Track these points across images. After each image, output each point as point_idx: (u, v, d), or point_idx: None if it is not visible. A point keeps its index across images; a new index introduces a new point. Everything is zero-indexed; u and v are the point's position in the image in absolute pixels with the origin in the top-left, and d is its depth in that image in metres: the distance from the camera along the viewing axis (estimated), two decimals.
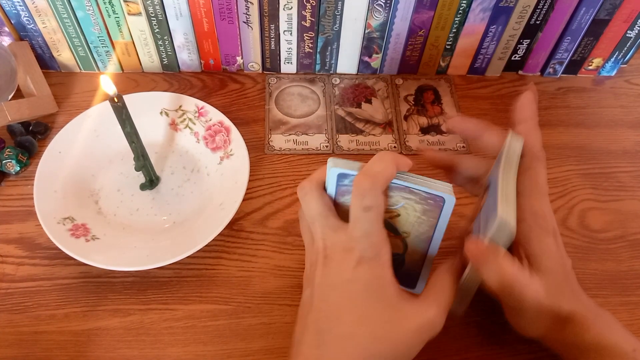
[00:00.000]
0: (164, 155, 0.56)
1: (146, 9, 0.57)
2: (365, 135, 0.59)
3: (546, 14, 0.59)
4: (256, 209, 0.54)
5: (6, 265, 0.49)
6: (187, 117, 0.57)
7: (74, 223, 0.49)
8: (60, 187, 0.52)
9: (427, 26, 0.59)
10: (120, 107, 0.46)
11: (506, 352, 0.46)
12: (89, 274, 0.49)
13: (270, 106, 0.61)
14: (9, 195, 0.54)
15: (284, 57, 0.63)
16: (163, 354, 0.45)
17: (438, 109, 0.62)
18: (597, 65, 0.66)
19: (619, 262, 0.52)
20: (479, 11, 0.58)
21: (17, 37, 0.60)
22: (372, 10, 0.57)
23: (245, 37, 0.60)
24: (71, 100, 0.61)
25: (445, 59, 0.64)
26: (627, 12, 0.59)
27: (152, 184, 0.54)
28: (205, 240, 0.48)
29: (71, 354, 0.45)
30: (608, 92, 0.65)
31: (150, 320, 0.47)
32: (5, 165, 0.54)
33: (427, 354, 0.46)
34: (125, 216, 0.52)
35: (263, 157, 0.57)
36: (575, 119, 0.62)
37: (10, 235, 0.51)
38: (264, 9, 0.57)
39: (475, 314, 0.48)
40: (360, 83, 0.64)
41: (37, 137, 0.57)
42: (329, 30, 0.59)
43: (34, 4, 0.56)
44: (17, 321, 0.46)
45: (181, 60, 0.63)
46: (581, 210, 0.55)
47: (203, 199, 0.53)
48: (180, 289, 0.48)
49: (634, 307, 0.49)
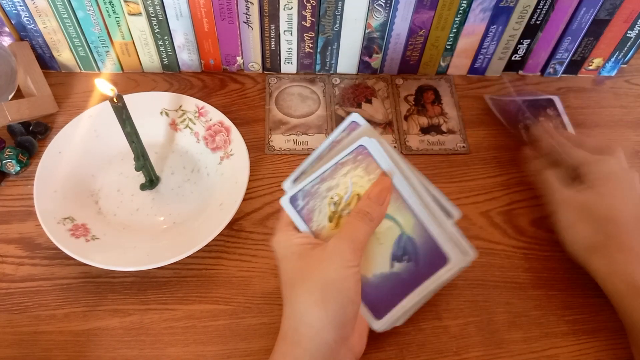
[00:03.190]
0: (164, 156, 0.56)
1: (146, 9, 0.57)
2: None
3: (546, 14, 0.59)
4: (256, 209, 0.53)
5: (6, 265, 0.49)
6: (187, 117, 0.57)
7: (74, 223, 0.49)
8: (60, 187, 0.52)
9: (427, 26, 0.59)
10: (120, 107, 0.46)
11: (506, 352, 0.46)
12: (89, 274, 0.49)
13: (271, 106, 0.61)
14: (9, 195, 0.54)
15: (284, 57, 0.63)
16: (163, 354, 0.45)
17: (438, 109, 0.62)
18: (598, 65, 0.66)
19: None
20: (479, 11, 0.58)
21: (18, 37, 0.60)
22: (372, 10, 0.57)
23: (246, 37, 0.60)
24: (71, 100, 0.61)
25: (445, 59, 0.64)
26: (627, 12, 0.58)
27: (152, 184, 0.54)
28: (205, 240, 0.48)
29: (71, 354, 0.45)
30: (608, 92, 0.65)
31: (150, 320, 0.47)
32: (6, 165, 0.54)
33: (427, 354, 0.46)
34: (125, 216, 0.52)
35: (263, 157, 0.57)
36: (575, 119, 0.62)
37: (10, 235, 0.51)
38: (264, 9, 0.57)
39: (475, 314, 0.48)
40: (361, 83, 0.64)
41: (37, 137, 0.57)
42: (329, 30, 0.59)
43: (35, 4, 0.56)
44: (17, 321, 0.46)
45: (181, 60, 0.63)
46: None
47: (203, 199, 0.53)
48: (180, 289, 0.48)
49: None
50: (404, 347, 0.46)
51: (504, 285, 0.50)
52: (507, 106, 0.60)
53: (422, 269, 0.41)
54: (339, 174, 0.41)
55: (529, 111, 0.58)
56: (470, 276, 0.50)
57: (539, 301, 0.49)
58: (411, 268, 0.41)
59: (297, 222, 0.42)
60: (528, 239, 0.53)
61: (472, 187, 0.56)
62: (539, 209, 0.55)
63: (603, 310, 0.49)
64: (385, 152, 0.40)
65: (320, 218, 0.42)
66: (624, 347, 0.47)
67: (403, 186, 0.40)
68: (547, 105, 0.61)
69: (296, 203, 0.42)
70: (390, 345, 0.46)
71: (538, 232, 0.53)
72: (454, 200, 0.55)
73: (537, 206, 0.55)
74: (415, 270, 0.41)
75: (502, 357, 0.46)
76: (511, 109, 0.60)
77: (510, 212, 0.54)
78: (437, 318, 0.48)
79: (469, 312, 0.48)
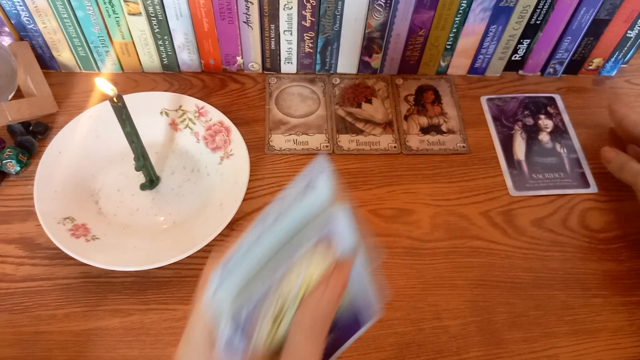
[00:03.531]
0: (164, 155, 0.56)
1: (146, 9, 0.57)
2: (366, 135, 0.59)
3: (546, 14, 0.59)
4: (256, 209, 0.54)
5: (6, 265, 0.49)
6: (187, 117, 0.57)
7: (74, 223, 0.49)
8: (61, 187, 0.52)
9: (427, 26, 0.59)
10: (120, 107, 0.46)
11: (506, 352, 0.46)
12: (89, 274, 0.49)
13: (271, 106, 0.61)
14: (9, 195, 0.54)
15: (284, 57, 0.63)
16: (163, 354, 0.45)
17: (438, 109, 0.62)
18: (598, 65, 0.66)
19: (619, 262, 0.52)
20: (479, 11, 0.58)
21: (17, 37, 0.60)
22: (372, 10, 0.57)
23: (246, 37, 0.60)
24: (71, 100, 0.61)
25: (445, 59, 0.64)
26: (627, 12, 0.58)
27: (152, 184, 0.54)
28: (205, 240, 0.48)
29: (71, 354, 0.45)
30: (608, 92, 0.65)
31: (150, 320, 0.47)
32: (6, 165, 0.54)
33: (427, 354, 0.46)
34: (125, 216, 0.52)
35: (263, 157, 0.57)
36: (576, 118, 0.62)
37: (11, 235, 0.51)
38: (264, 9, 0.57)
39: (475, 314, 0.48)
40: (361, 83, 0.64)
41: (37, 137, 0.57)
42: (329, 30, 0.59)
43: (34, 4, 0.55)
44: (17, 321, 0.46)
45: (181, 60, 0.63)
46: (581, 210, 0.55)
47: (203, 199, 0.53)
48: (181, 289, 0.48)
49: (634, 307, 0.49)
50: (404, 347, 0.46)
51: (504, 285, 0.50)
52: (506, 105, 0.61)
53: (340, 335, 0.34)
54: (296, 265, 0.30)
55: (529, 109, 0.58)
56: (470, 276, 0.50)
57: (539, 301, 0.49)
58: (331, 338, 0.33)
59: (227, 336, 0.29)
60: (528, 239, 0.53)
61: (472, 187, 0.56)
62: (539, 209, 0.55)
63: (603, 310, 0.49)
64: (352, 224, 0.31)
65: (262, 331, 0.30)
66: (624, 347, 0.47)
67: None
68: (548, 103, 0.62)
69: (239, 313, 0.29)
70: (390, 345, 0.46)
71: (538, 232, 0.53)
72: (454, 199, 0.55)
73: (538, 206, 0.55)
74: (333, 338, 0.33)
75: (502, 357, 0.46)
76: (511, 107, 0.60)
77: (510, 212, 0.54)
78: (437, 318, 0.48)
79: (469, 312, 0.48)
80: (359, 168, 0.57)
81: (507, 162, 0.58)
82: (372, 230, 0.52)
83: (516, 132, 0.60)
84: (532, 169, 0.57)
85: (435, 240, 0.52)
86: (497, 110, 0.62)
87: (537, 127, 0.61)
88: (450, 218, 0.54)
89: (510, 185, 0.56)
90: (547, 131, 0.60)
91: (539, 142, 0.60)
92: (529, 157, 0.58)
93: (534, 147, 0.59)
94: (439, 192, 0.55)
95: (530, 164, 0.58)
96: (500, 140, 0.60)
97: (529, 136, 0.60)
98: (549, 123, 0.61)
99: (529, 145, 0.59)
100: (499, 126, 0.61)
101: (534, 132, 0.60)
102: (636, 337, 0.48)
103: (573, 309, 0.49)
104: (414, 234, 0.52)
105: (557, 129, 0.61)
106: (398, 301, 0.48)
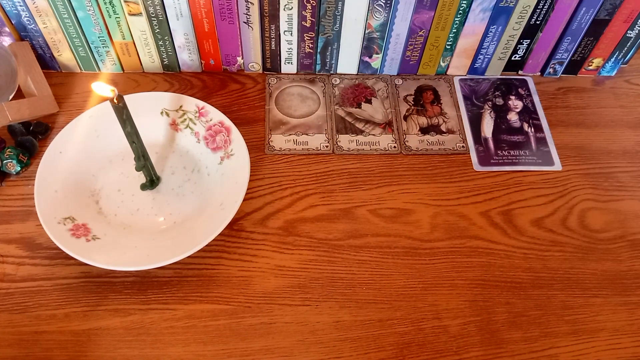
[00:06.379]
0: (164, 156, 0.56)
1: (147, 9, 0.57)
2: (365, 135, 0.59)
3: (546, 14, 0.59)
4: (256, 209, 0.54)
5: (6, 265, 0.49)
6: (187, 117, 0.57)
7: (74, 223, 0.50)
8: (61, 187, 0.52)
9: (427, 26, 0.59)
10: (120, 107, 0.46)
11: (506, 352, 0.46)
12: (90, 274, 0.49)
13: (271, 106, 0.62)
14: (9, 195, 0.54)
15: (284, 57, 0.63)
16: (163, 354, 0.45)
17: (437, 109, 0.62)
18: (597, 65, 0.66)
19: (619, 262, 0.52)
20: (479, 11, 0.58)
21: (18, 37, 0.60)
22: (372, 10, 0.57)
23: (246, 38, 0.60)
24: (72, 100, 0.61)
25: (445, 59, 0.64)
26: (627, 12, 0.59)
27: (153, 184, 0.54)
28: (205, 240, 0.48)
29: (71, 354, 0.45)
30: (608, 92, 0.65)
31: (150, 320, 0.47)
32: (6, 166, 0.54)
33: (427, 354, 0.46)
34: (125, 216, 0.52)
35: (263, 157, 0.57)
36: (575, 119, 0.62)
37: (11, 235, 0.51)
38: (264, 9, 0.57)
39: (475, 314, 0.48)
40: (360, 83, 0.64)
41: (37, 137, 0.57)
42: (329, 31, 0.59)
43: (35, 4, 0.56)
44: (17, 321, 0.46)
45: (182, 61, 0.63)
46: (581, 210, 0.55)
47: (203, 199, 0.53)
48: (181, 289, 0.48)
49: (634, 307, 0.49)
50: (404, 347, 0.46)
51: (503, 285, 0.50)
52: (478, 85, 0.62)
53: None
54: None
55: (500, 89, 0.59)
56: (470, 276, 0.50)
57: (539, 301, 0.49)
58: None
59: None
60: (528, 239, 0.53)
61: (472, 187, 0.56)
62: (539, 209, 0.55)
63: (603, 310, 0.49)
64: None
65: None
66: (624, 347, 0.47)
67: None
68: (520, 85, 0.63)
69: None
70: (390, 345, 0.46)
71: (538, 232, 0.53)
72: (453, 199, 0.55)
73: (537, 206, 0.55)
74: None
75: (502, 357, 0.46)
76: (482, 87, 0.61)
77: (510, 212, 0.54)
78: (437, 318, 0.48)
79: (469, 312, 0.48)
80: (359, 168, 0.57)
81: (474, 139, 0.59)
82: (372, 230, 0.53)
83: (485, 111, 0.61)
84: (498, 146, 0.58)
85: (435, 240, 0.52)
86: (469, 90, 0.63)
87: (506, 107, 0.62)
88: (449, 218, 0.54)
89: (475, 161, 0.57)
90: (516, 111, 0.62)
91: (507, 120, 0.61)
92: (495, 135, 0.59)
93: (502, 126, 0.60)
94: (438, 192, 0.55)
95: (496, 141, 0.59)
96: (469, 119, 0.61)
97: (498, 115, 0.61)
98: (518, 103, 0.62)
99: (497, 123, 0.61)
100: (469, 105, 0.62)
101: (503, 111, 0.62)
102: (636, 337, 0.48)
103: (573, 308, 0.49)
104: (414, 234, 0.52)
105: (526, 109, 0.62)
106: (398, 301, 0.48)
